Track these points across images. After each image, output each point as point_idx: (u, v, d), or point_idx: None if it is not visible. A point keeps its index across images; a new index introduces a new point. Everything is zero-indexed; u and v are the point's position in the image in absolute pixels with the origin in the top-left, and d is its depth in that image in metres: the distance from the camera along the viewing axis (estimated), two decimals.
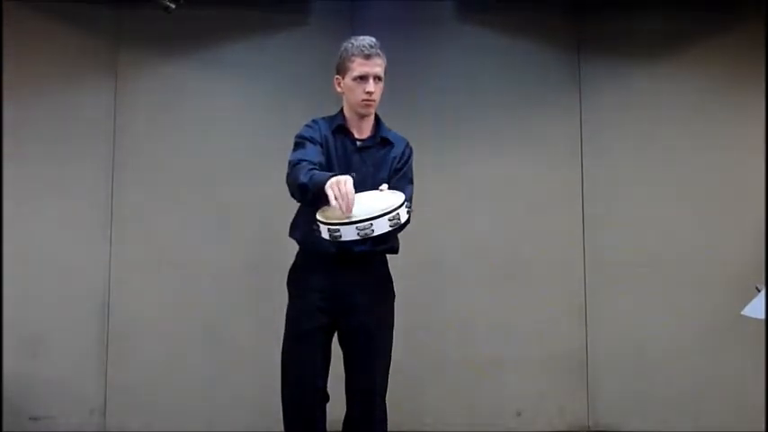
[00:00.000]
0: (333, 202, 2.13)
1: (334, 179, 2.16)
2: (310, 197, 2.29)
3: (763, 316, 2.61)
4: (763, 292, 2.67)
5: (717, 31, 3.93)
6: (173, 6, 3.41)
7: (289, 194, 2.43)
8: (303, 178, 2.28)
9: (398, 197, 2.23)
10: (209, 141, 3.89)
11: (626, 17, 3.99)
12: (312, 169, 2.31)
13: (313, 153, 2.43)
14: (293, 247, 2.60)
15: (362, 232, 2.12)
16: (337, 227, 2.14)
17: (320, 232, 2.21)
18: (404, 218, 2.19)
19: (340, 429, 2.62)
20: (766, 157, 3.78)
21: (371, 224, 2.12)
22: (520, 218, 3.92)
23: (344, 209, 2.12)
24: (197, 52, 3.94)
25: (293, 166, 2.38)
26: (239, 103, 3.94)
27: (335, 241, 2.19)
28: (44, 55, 3.84)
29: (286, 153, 2.49)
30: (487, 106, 3.95)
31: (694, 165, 3.89)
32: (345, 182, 2.14)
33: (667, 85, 3.94)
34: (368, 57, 2.46)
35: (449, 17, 4.02)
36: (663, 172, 3.90)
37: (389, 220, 2.14)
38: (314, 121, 2.58)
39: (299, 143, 2.49)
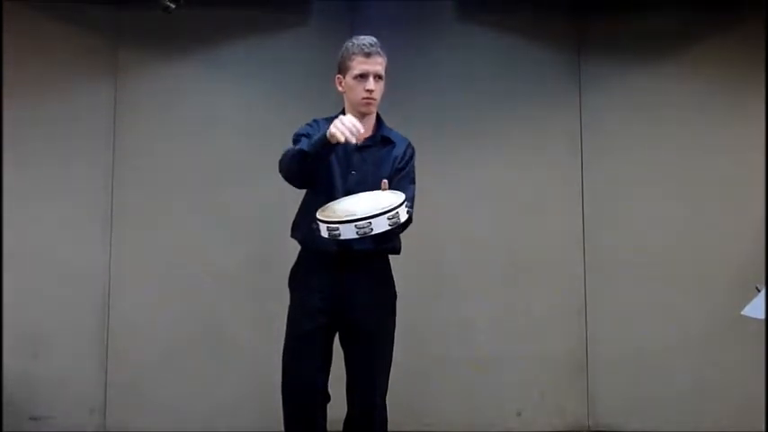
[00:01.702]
0: (340, 137, 2.19)
1: (332, 125, 2.22)
2: (310, 161, 2.31)
3: (763, 316, 2.61)
4: (763, 292, 2.67)
5: (717, 31, 3.93)
6: (173, 6, 3.41)
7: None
8: (299, 147, 2.33)
9: (398, 197, 2.24)
10: (209, 141, 3.89)
11: (626, 17, 3.99)
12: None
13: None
14: (294, 247, 2.60)
15: (361, 231, 2.12)
16: (336, 225, 2.14)
17: (320, 231, 2.22)
18: (403, 217, 2.20)
19: (340, 429, 2.62)
20: (766, 157, 3.78)
21: (370, 222, 2.12)
22: (520, 218, 3.91)
23: (353, 133, 2.18)
24: (197, 52, 3.94)
25: (285, 152, 2.41)
26: (239, 103, 3.94)
27: (335, 240, 2.20)
28: (44, 55, 3.84)
29: None
30: (487, 106, 3.95)
31: (694, 164, 3.89)
32: (349, 118, 2.23)
33: (667, 84, 3.94)
34: (368, 55, 2.48)
35: (449, 17, 4.02)
36: (663, 172, 3.90)
37: (389, 219, 2.14)
38: (314, 120, 2.60)
39: (296, 140, 2.50)
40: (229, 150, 3.88)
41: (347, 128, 2.20)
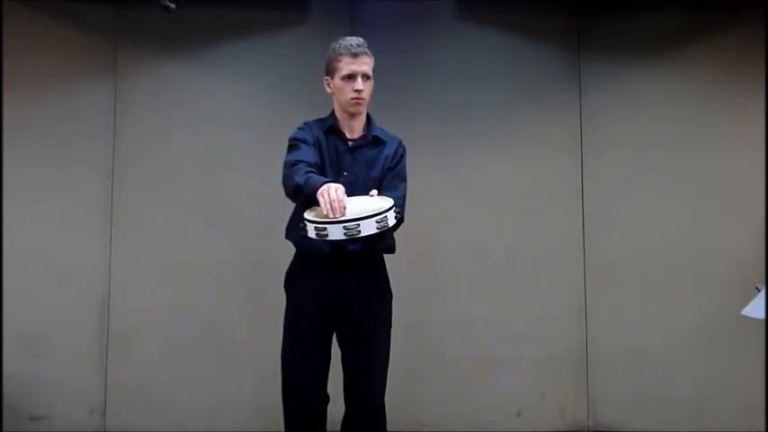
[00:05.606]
0: (323, 207, 2.15)
1: (326, 185, 2.18)
2: (302, 200, 2.30)
3: (763, 316, 2.61)
4: (763, 292, 2.68)
5: (717, 31, 3.93)
6: (173, 6, 3.40)
7: None
8: (299, 179, 2.30)
9: (387, 202, 2.25)
10: (209, 141, 3.89)
11: (626, 17, 3.99)
12: (309, 172, 2.32)
13: (308, 153, 2.45)
14: (293, 247, 2.60)
15: (349, 232, 2.13)
16: (324, 225, 2.15)
17: (306, 231, 2.22)
18: (391, 222, 2.20)
19: (339, 430, 2.62)
20: (766, 156, 3.78)
21: (359, 224, 2.13)
22: (519, 217, 3.91)
23: (331, 214, 2.13)
24: (197, 52, 3.94)
25: (290, 166, 2.39)
26: (239, 102, 3.94)
27: (323, 240, 2.20)
28: (44, 55, 3.83)
29: (285, 153, 2.49)
30: (487, 106, 3.95)
31: (694, 165, 3.88)
32: (336, 188, 2.16)
33: (667, 84, 3.93)
34: (355, 55, 2.48)
35: (449, 17, 4.02)
36: (663, 172, 3.90)
37: (377, 222, 2.15)
38: (305, 123, 2.60)
39: (294, 145, 2.50)
40: (230, 150, 3.88)
41: (330, 201, 2.13)
